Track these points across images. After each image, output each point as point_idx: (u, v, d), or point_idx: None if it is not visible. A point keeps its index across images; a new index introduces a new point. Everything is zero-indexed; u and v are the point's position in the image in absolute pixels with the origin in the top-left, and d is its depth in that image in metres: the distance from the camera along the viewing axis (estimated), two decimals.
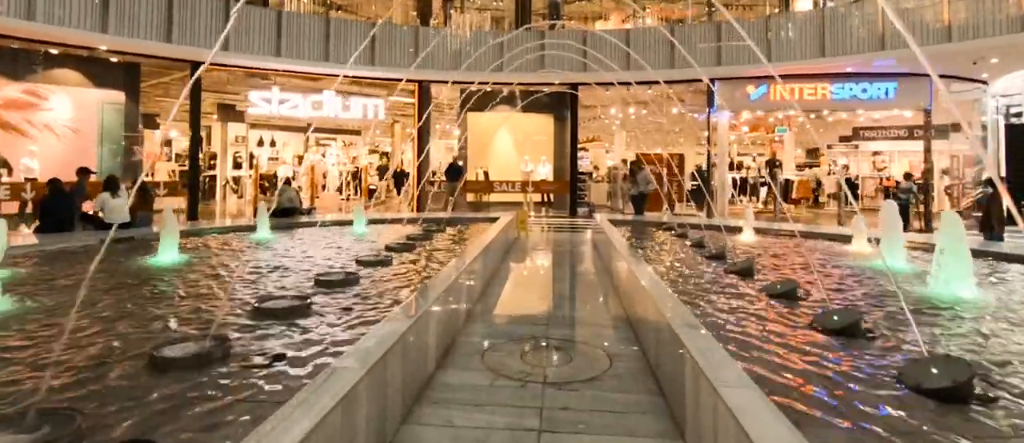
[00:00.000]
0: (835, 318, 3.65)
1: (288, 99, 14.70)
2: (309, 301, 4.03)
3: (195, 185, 13.57)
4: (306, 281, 4.99)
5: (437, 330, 3.84)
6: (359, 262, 5.86)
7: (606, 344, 4.31)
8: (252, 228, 8.53)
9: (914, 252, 6.73)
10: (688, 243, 7.72)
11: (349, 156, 22.63)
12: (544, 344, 4.32)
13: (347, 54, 14.17)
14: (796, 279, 5.06)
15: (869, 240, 7.15)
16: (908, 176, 13.68)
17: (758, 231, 8.92)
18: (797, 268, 6.04)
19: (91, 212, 7.96)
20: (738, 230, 9.18)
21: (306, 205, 12.32)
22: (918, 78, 13.90)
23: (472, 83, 15.58)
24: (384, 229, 9.46)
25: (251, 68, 14.04)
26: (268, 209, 9.92)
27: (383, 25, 14.80)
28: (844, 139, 21.45)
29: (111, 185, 7.94)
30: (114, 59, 12.61)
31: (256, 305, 3.91)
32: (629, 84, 15.24)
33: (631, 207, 13.82)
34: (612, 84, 14.91)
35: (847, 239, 7.87)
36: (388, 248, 6.91)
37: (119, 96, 12.99)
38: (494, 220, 10.29)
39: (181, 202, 13.55)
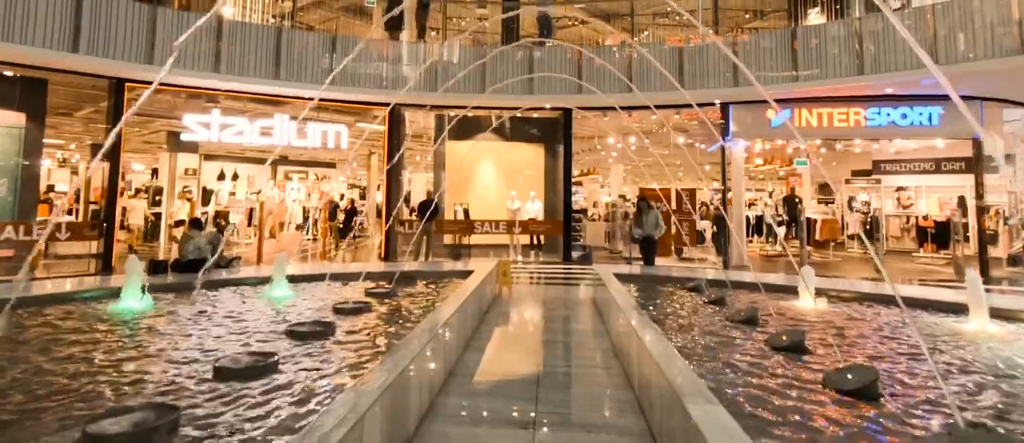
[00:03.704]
0: None
1: (232, 124, 12.43)
2: None
3: (111, 226, 11.15)
4: (74, 428, 2.60)
5: None
6: (218, 370, 3.49)
7: None
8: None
9: None
10: (732, 319, 5.39)
11: (319, 191, 20.32)
12: None
13: (302, 72, 12.04)
14: (985, 420, 2.77)
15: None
16: None
17: (818, 293, 6.59)
18: (934, 378, 3.73)
19: None
20: (785, 290, 6.93)
21: (233, 253, 10.01)
22: (967, 102, 11.92)
23: (450, 107, 13.51)
24: (313, 290, 7.05)
25: (184, 87, 11.83)
26: (174, 262, 7.62)
27: (346, 38, 12.71)
28: (858, 173, 19.42)
29: None
30: (8, 72, 10.37)
31: None
32: (631, 109, 13.19)
33: (632, 248, 11.59)
34: (612, 108, 12.83)
35: (956, 309, 5.61)
36: (290, 332, 4.56)
37: (17, 118, 10.67)
38: (468, 274, 7.97)
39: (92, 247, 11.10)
